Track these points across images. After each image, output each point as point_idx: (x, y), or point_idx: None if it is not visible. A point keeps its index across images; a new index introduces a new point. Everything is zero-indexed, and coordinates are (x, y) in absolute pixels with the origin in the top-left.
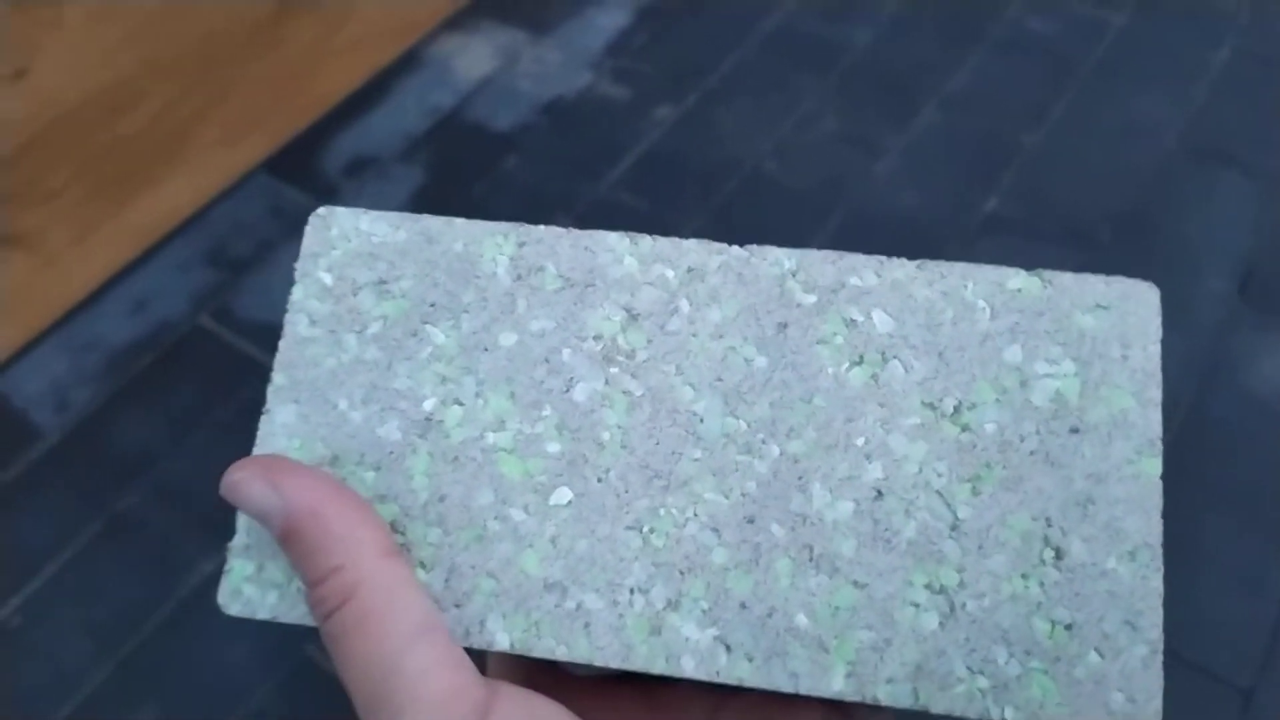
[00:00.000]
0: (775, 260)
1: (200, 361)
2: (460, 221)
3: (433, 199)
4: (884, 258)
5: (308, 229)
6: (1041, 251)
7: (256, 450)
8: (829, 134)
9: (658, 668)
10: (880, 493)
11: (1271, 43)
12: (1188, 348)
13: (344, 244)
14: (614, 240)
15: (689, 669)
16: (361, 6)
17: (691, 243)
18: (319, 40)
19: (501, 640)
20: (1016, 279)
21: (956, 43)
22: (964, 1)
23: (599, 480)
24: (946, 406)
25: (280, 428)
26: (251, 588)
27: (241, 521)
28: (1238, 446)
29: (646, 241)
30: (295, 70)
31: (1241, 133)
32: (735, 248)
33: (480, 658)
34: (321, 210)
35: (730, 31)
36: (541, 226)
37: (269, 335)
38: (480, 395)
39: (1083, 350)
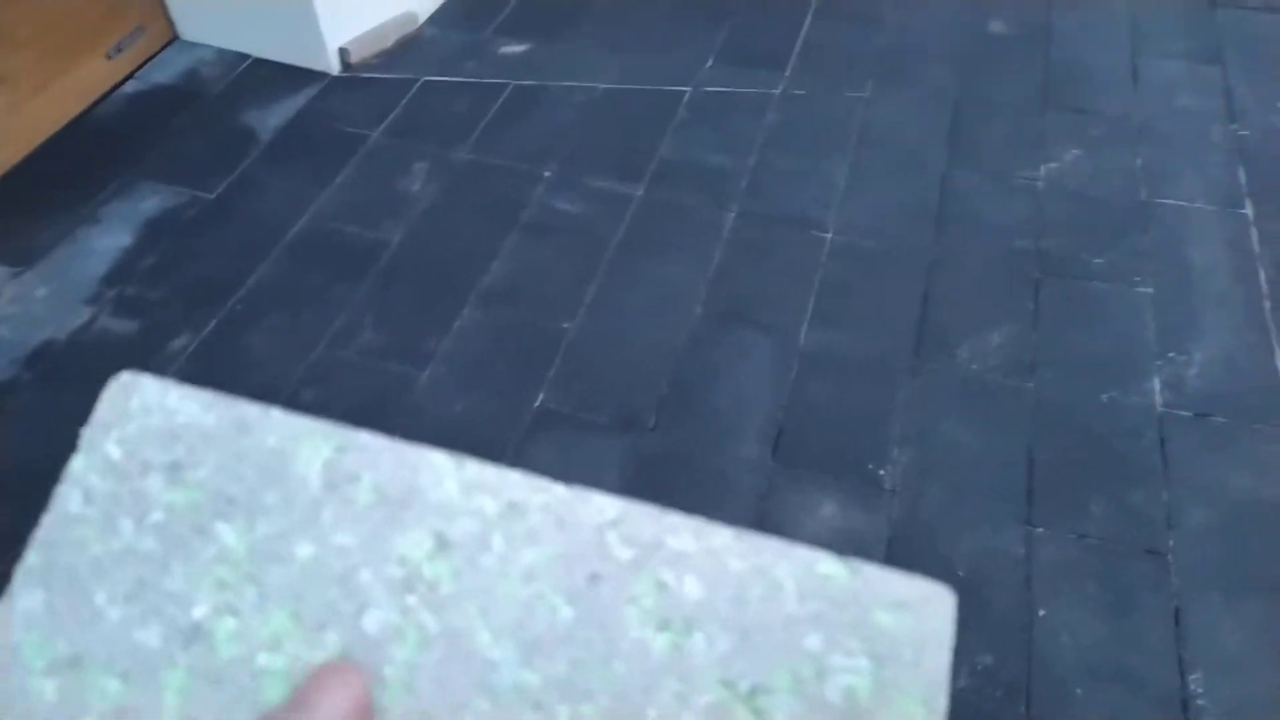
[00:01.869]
0: (599, 508)
1: None
2: (279, 413)
3: None
4: (704, 521)
5: (104, 394)
6: (591, 442)
7: None
8: (369, 347)
9: None
10: None
11: (769, 203)
12: (735, 523)
13: (143, 418)
14: (439, 460)
15: None
16: None
17: (517, 475)
18: None
19: None
20: (826, 564)
21: (491, 229)
22: (494, 188)
23: None
24: (743, 688)
25: (19, 617)
26: None
27: None
28: None
29: (473, 466)
30: None
31: (753, 292)
32: (560, 487)
33: None
34: (125, 376)
35: (255, 240)
36: (365, 433)
37: None
38: (261, 609)
39: (879, 647)
